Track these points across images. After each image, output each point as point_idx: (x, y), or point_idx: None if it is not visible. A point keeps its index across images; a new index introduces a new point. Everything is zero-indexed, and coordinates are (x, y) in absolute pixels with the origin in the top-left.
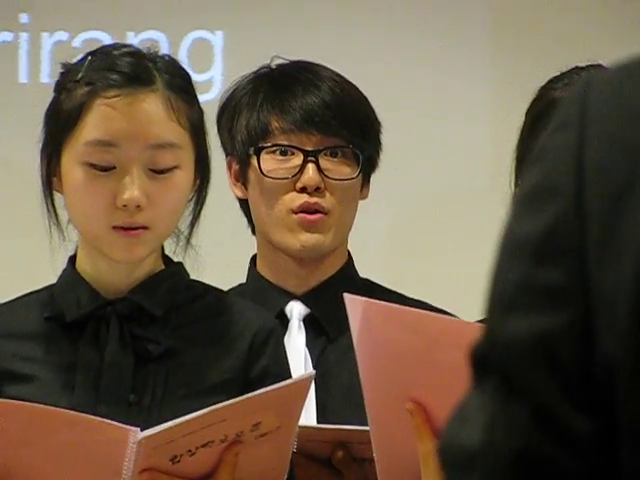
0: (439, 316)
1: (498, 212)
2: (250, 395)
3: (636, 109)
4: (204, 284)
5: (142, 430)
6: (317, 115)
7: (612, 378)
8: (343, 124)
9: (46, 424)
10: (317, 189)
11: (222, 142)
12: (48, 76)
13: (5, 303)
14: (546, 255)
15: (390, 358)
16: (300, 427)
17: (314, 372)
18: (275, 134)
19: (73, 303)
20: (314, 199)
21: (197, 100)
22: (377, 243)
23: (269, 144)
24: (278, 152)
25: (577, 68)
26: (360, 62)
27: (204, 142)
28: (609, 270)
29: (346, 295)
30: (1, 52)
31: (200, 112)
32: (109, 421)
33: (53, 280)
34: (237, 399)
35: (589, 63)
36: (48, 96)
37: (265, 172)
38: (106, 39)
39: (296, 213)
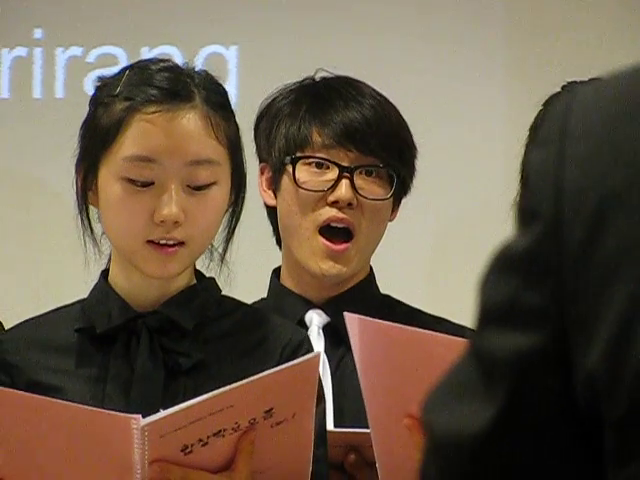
0: (433, 334)
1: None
2: (254, 377)
3: (615, 128)
4: (235, 300)
5: None
6: (357, 132)
7: (594, 394)
8: (382, 144)
9: (48, 416)
10: (349, 205)
11: (257, 147)
12: (62, 91)
13: (37, 316)
14: (528, 276)
15: (388, 374)
16: None
17: (320, 352)
18: (314, 146)
19: (104, 315)
20: (343, 214)
21: (233, 115)
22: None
23: (306, 155)
24: (314, 164)
25: (575, 83)
26: (376, 75)
27: (241, 158)
28: (587, 291)
29: (346, 314)
30: (15, 67)
31: (236, 127)
32: (109, 411)
33: (86, 294)
34: (241, 382)
35: (590, 78)
36: (62, 111)
37: (299, 183)
38: (120, 54)
39: (323, 234)
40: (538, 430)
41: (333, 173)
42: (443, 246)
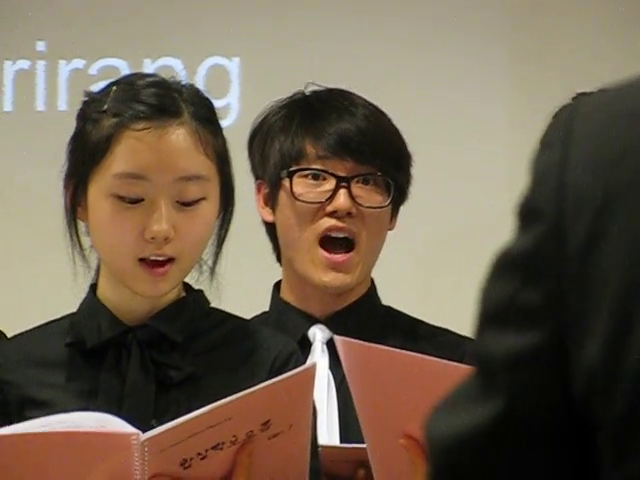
0: (419, 356)
1: None
2: (252, 390)
3: (617, 129)
4: (224, 312)
5: None
6: (352, 141)
7: (591, 392)
8: (377, 152)
9: (46, 448)
10: (348, 214)
11: (252, 165)
12: (65, 103)
13: (26, 331)
14: (528, 276)
15: (381, 396)
16: (323, 447)
17: (316, 362)
18: (309, 158)
19: (94, 329)
20: (343, 223)
21: (221, 129)
22: (407, 272)
23: (302, 167)
24: (310, 176)
25: (585, 94)
26: (377, 87)
27: (229, 172)
28: (587, 289)
29: (336, 337)
30: (18, 80)
31: (224, 141)
32: (109, 430)
33: (75, 307)
34: (239, 394)
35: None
36: (65, 123)
37: (297, 195)
38: (122, 66)
39: (323, 245)
40: (536, 430)
41: (330, 184)
42: (436, 256)
